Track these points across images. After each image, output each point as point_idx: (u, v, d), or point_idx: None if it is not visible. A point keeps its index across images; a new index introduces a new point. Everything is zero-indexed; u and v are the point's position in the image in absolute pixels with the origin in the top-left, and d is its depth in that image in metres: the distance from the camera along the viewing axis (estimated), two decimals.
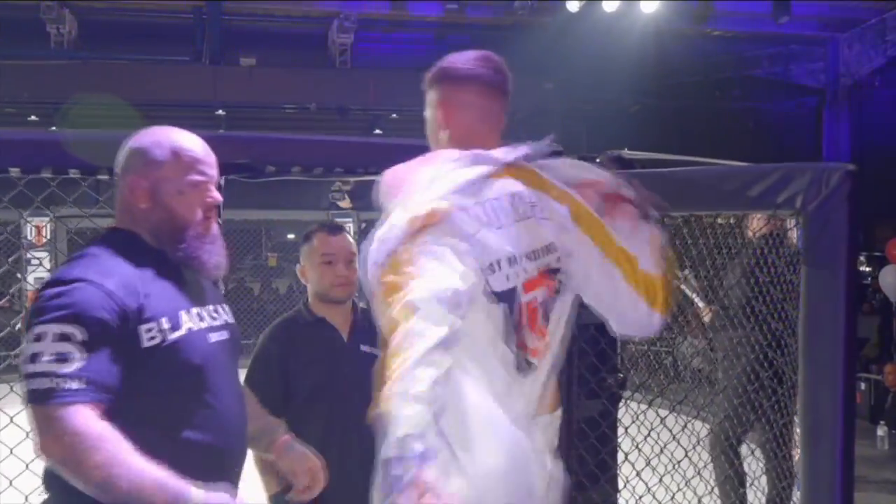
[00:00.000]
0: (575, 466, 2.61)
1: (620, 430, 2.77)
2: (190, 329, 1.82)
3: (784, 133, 15.00)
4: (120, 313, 1.70)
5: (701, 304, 4.26)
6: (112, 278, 1.72)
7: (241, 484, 2.13)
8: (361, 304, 2.76)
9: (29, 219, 8.48)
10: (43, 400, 1.60)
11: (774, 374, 3.35)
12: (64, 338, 1.64)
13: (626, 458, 2.80)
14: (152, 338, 1.75)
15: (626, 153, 2.81)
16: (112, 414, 1.65)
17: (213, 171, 1.93)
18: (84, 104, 10.95)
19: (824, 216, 2.08)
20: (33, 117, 12.96)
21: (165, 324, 1.77)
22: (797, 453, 3.49)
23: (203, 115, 12.81)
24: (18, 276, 9.37)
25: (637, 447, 2.87)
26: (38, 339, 1.63)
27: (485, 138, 1.95)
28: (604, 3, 10.78)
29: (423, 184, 1.76)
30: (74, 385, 1.61)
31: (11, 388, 2.51)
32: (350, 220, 10.57)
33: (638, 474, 2.84)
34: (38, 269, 8.95)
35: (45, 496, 1.78)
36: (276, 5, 12.31)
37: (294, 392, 2.61)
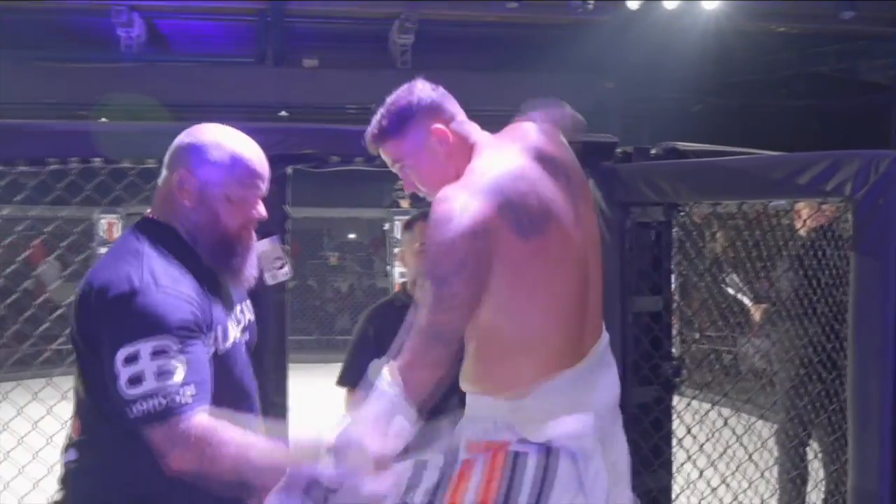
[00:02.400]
0: (629, 451, 2.67)
1: (683, 429, 2.83)
2: (235, 339, 1.82)
3: (852, 131, 14.67)
4: (196, 321, 1.67)
5: (748, 303, 4.24)
6: (184, 283, 1.69)
7: None
8: None
9: (101, 215, 8.79)
10: (163, 419, 1.57)
11: (834, 369, 3.34)
12: (160, 352, 1.59)
13: (689, 457, 2.85)
14: (210, 347, 1.73)
15: (681, 145, 2.86)
16: None
17: (265, 185, 1.87)
18: (149, 106, 11.25)
19: (873, 203, 2.10)
20: (104, 119, 13.32)
21: (220, 333, 1.76)
22: None
23: (266, 116, 13.04)
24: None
25: (700, 447, 2.92)
26: (133, 359, 1.58)
27: None
28: (664, 1, 10.73)
29: None
30: (187, 395, 1.59)
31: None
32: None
33: (701, 473, 2.88)
34: None
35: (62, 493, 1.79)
36: (337, 7, 12.48)
37: None
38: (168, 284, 1.66)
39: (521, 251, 1.79)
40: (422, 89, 1.98)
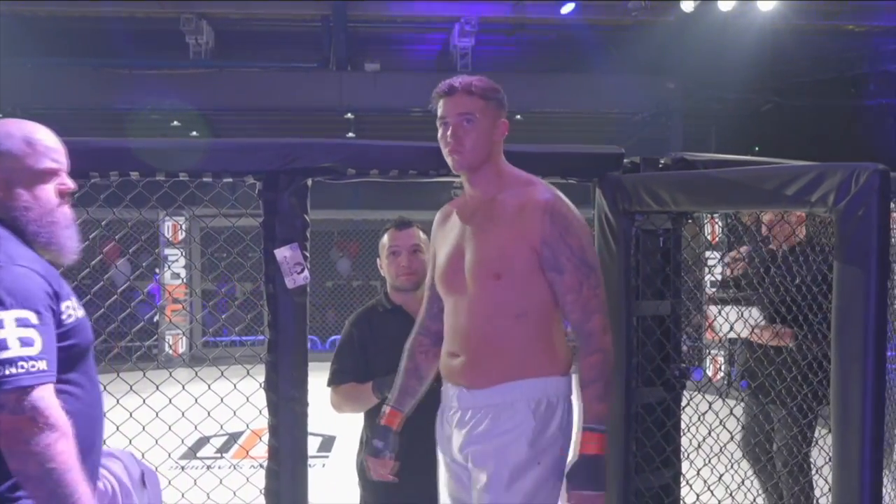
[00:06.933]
0: (633, 449, 2.79)
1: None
2: (84, 311, 1.95)
3: None
4: (51, 294, 1.81)
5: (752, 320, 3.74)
6: (38, 263, 1.83)
7: None
8: None
9: (167, 218, 9.15)
10: (16, 383, 1.67)
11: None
12: (23, 323, 1.71)
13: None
14: (69, 316, 1.86)
15: (689, 155, 2.95)
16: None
17: (65, 160, 2.01)
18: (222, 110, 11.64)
19: (853, 213, 2.18)
20: (175, 122, 13.82)
21: (75, 302, 1.90)
22: None
23: (332, 118, 13.35)
24: (156, 270, 10.08)
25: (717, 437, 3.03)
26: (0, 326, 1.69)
27: None
28: (719, 2, 10.69)
29: None
30: (42, 366, 1.71)
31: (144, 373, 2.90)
32: None
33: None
34: (174, 265, 9.64)
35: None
36: (398, 11, 12.71)
37: (375, 370, 2.92)
38: (26, 264, 1.79)
39: None
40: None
